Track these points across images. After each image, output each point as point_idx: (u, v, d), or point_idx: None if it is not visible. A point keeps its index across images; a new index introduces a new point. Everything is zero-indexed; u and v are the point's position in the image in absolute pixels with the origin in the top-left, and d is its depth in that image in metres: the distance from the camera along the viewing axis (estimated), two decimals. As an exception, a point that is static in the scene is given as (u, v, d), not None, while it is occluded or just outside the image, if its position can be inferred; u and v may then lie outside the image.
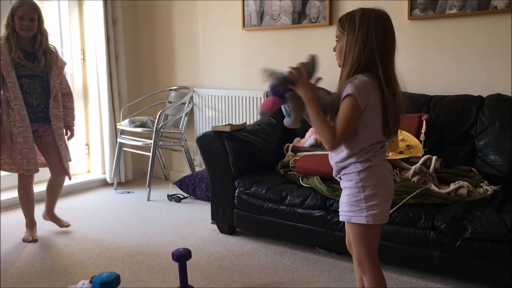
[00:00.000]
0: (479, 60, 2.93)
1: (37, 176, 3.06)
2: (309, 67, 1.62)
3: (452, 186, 2.43)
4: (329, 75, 1.82)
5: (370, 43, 1.54)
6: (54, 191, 3.12)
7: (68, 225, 3.18)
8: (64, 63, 3.02)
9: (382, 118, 1.60)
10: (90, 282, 2.09)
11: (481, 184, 2.48)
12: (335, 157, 1.67)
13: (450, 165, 2.67)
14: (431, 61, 3.10)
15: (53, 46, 2.97)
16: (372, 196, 1.60)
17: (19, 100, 2.78)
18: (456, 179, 2.53)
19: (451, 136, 2.80)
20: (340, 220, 1.71)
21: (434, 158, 2.57)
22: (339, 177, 1.71)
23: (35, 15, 2.82)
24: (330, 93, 1.67)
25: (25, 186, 2.98)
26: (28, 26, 2.79)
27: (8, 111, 2.79)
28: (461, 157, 2.75)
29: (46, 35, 2.91)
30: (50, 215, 3.15)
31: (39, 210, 3.16)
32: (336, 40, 1.66)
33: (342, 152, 1.63)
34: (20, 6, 2.78)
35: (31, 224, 3.01)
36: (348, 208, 1.64)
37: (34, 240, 2.94)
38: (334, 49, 1.67)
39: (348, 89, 1.53)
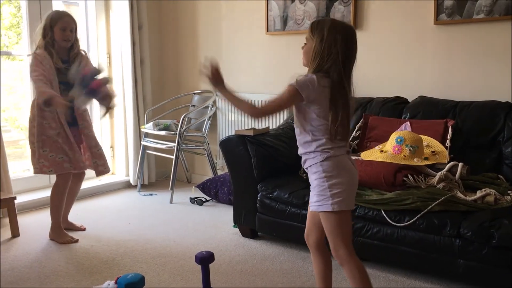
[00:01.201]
0: (507, 65, 2.88)
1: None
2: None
3: (479, 194, 2.39)
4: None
5: (335, 51, 1.69)
6: (73, 196, 3.19)
7: (84, 229, 3.22)
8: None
9: (331, 117, 1.72)
10: (116, 282, 2.11)
11: (509, 191, 2.44)
12: (300, 148, 1.82)
13: (477, 172, 2.63)
14: (458, 66, 3.06)
15: (84, 51, 3.06)
16: (336, 184, 1.73)
17: None
18: (483, 186, 2.49)
19: (478, 142, 2.76)
20: (310, 209, 1.84)
21: (460, 164, 2.53)
22: (306, 169, 1.83)
23: (74, 26, 2.94)
24: None
25: (61, 185, 3.00)
26: (69, 36, 2.90)
27: (43, 114, 2.86)
28: (488, 164, 2.70)
29: (79, 41, 3.02)
30: (65, 222, 3.17)
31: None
32: (305, 43, 1.80)
33: (305, 142, 1.78)
34: (61, 18, 2.88)
35: (57, 225, 3.02)
36: (316, 198, 1.77)
37: (75, 241, 2.98)
38: (302, 48, 1.82)
39: (292, 81, 1.72)
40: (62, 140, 2.90)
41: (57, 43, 2.89)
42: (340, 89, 1.71)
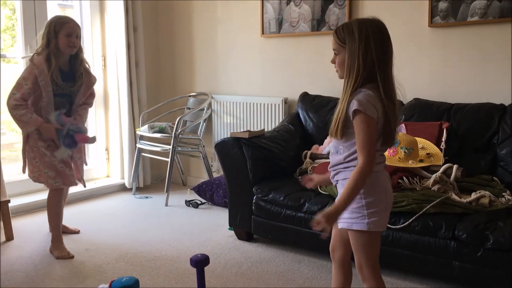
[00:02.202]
0: (501, 68, 2.89)
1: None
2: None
3: (474, 196, 2.40)
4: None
5: (371, 54, 1.56)
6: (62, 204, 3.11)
7: (78, 231, 3.20)
8: (93, 82, 2.97)
9: (382, 127, 1.59)
10: (110, 286, 2.10)
11: (503, 193, 2.44)
12: (337, 158, 1.67)
13: (472, 174, 2.63)
14: (452, 69, 3.07)
15: (88, 63, 2.95)
16: (374, 202, 1.61)
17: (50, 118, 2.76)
18: (478, 188, 2.49)
19: (473, 144, 2.76)
20: (339, 227, 1.70)
21: (455, 167, 2.54)
22: (337, 181, 1.70)
23: (79, 32, 2.80)
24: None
25: (52, 198, 2.90)
26: (74, 43, 2.75)
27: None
28: (483, 166, 2.71)
29: (83, 51, 2.91)
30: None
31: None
32: (335, 53, 1.66)
33: (348, 155, 1.63)
34: (66, 23, 2.73)
35: (56, 239, 2.89)
36: (349, 215, 1.63)
37: (71, 257, 2.79)
38: (333, 61, 1.67)
39: (354, 105, 1.55)
40: (51, 153, 2.77)
41: (61, 51, 2.74)
42: (388, 96, 1.58)
